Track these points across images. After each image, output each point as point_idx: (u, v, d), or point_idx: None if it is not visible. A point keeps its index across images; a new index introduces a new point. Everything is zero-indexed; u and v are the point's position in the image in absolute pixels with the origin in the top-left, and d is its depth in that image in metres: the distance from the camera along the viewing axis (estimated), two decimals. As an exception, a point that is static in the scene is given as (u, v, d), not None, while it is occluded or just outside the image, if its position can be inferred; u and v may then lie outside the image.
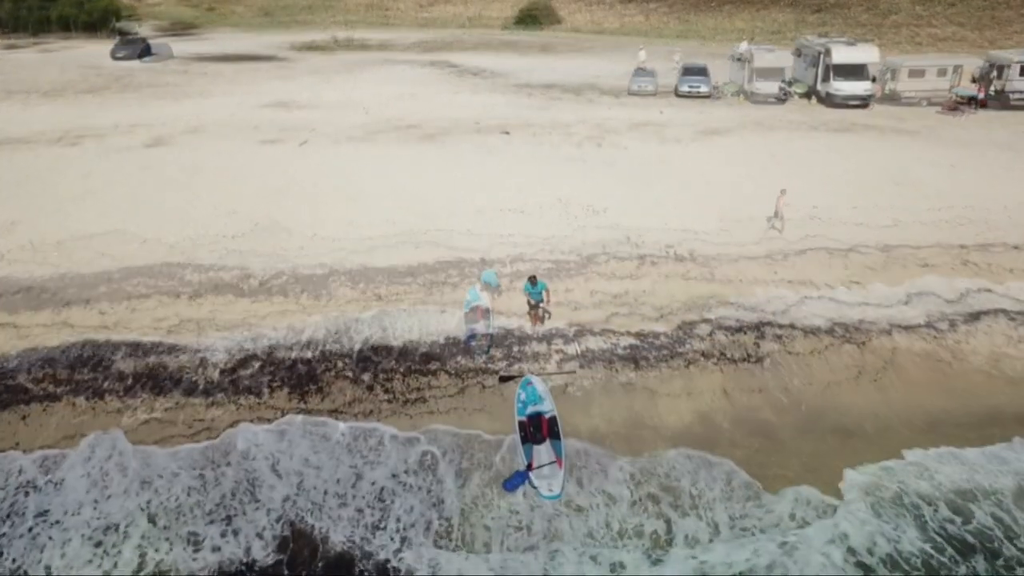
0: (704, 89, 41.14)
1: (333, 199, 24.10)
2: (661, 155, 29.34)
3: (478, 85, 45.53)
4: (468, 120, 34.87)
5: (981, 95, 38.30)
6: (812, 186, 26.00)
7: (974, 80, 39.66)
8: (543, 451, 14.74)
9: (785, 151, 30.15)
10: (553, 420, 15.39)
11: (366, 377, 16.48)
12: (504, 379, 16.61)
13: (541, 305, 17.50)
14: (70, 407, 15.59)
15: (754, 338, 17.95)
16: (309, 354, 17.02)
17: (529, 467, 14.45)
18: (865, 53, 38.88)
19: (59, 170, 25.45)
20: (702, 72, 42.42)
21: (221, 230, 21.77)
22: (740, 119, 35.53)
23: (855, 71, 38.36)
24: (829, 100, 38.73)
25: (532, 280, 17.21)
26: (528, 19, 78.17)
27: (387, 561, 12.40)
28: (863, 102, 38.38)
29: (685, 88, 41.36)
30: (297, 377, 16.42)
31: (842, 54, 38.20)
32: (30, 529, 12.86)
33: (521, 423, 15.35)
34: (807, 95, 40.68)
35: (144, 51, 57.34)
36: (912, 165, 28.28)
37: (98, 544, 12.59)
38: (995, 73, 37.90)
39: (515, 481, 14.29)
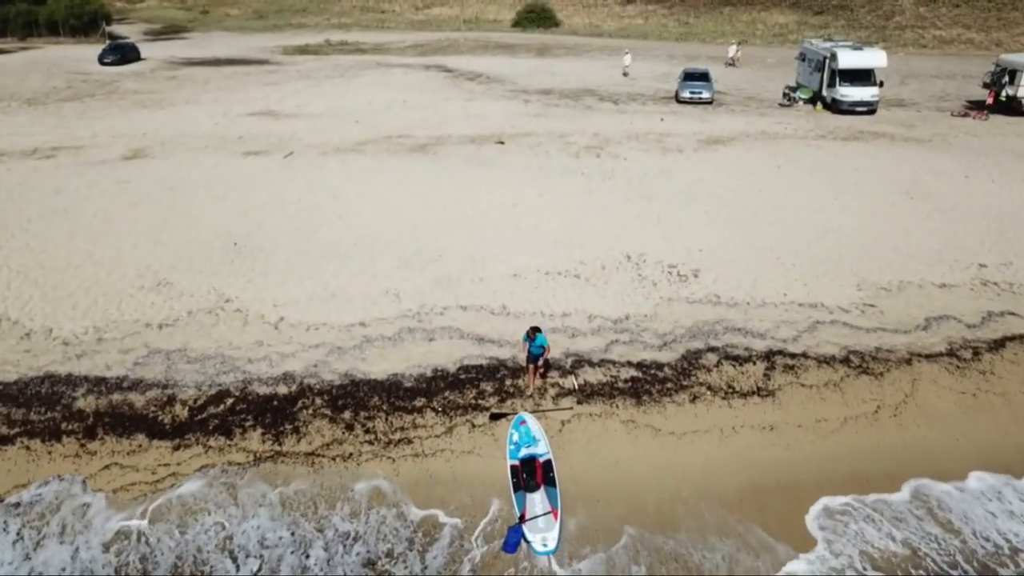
0: (706, 95, 39.98)
1: (317, 216, 22.87)
2: (663, 166, 28.15)
3: (473, 91, 44.34)
4: (462, 129, 33.69)
5: (990, 100, 37.17)
6: (821, 200, 24.85)
7: (985, 85, 38.53)
8: (537, 500, 13.54)
9: (791, 161, 28.99)
10: (548, 464, 14.18)
11: (346, 415, 15.24)
12: (495, 417, 15.39)
13: (539, 361, 15.93)
14: (24, 451, 14.35)
15: (764, 369, 16.75)
16: (285, 389, 15.78)
17: (522, 518, 13.24)
18: (872, 58, 37.70)
19: (30, 185, 24.21)
20: (704, 77, 41.26)
21: (196, 252, 20.51)
22: (744, 127, 34.35)
23: (862, 76, 37.19)
24: (836, 106, 37.57)
25: (533, 332, 15.48)
26: (526, 21, 77.07)
27: None
28: (870, 108, 37.21)
29: (687, 94, 40.19)
30: (272, 415, 15.19)
31: (849, 59, 37.03)
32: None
33: (513, 467, 14.14)
34: (812, 101, 39.51)
35: (134, 56, 56.20)
36: (924, 176, 27.12)
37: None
38: (1007, 78, 36.71)
39: (513, 539, 13.02)
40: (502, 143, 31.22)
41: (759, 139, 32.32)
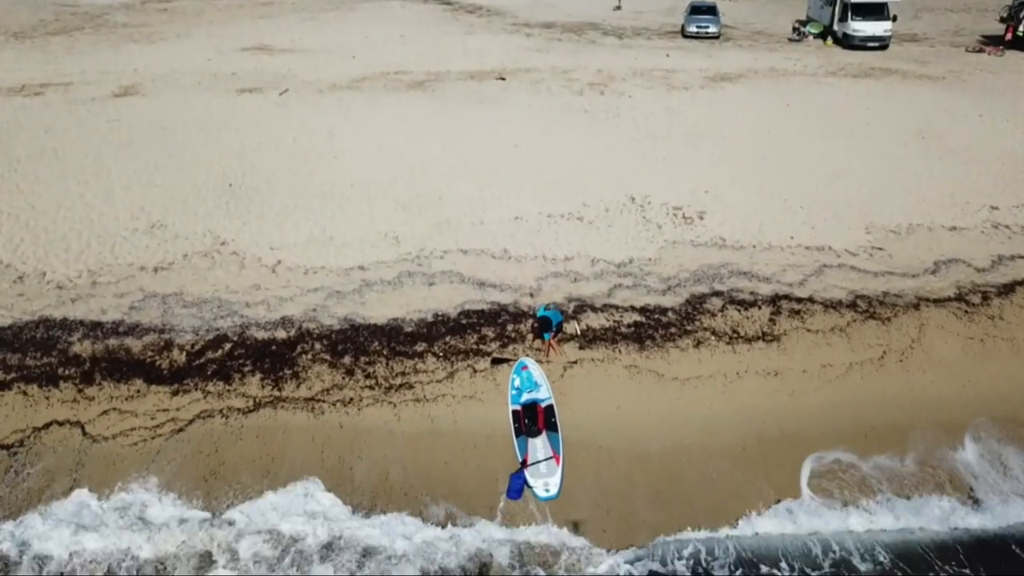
0: (713, 29, 38.81)
1: (313, 157, 22.29)
2: (668, 104, 27.38)
3: (473, 25, 43.03)
4: (461, 65, 32.72)
5: (1008, 36, 36.04)
6: (830, 140, 24.21)
7: (1002, 20, 37.31)
8: (539, 445, 13.50)
9: (801, 100, 28.20)
10: (550, 409, 14.09)
11: (346, 360, 15.05)
12: (497, 361, 15.21)
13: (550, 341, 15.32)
14: (21, 396, 14.22)
15: (769, 313, 16.49)
16: (284, 334, 15.55)
17: (523, 464, 13.20)
18: (886, -10, 36.41)
19: (18, 123, 23.52)
20: (711, 11, 39.98)
21: (190, 194, 20.01)
22: (752, 64, 33.35)
23: (875, 10, 35.96)
24: (847, 41, 36.43)
25: (539, 324, 15.11)
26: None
27: None
28: (882, 43, 36.09)
29: (693, 28, 39.01)
30: (271, 361, 14.99)
31: (862, -9, 35.74)
32: None
33: (515, 412, 14.05)
34: (823, 35, 38.34)
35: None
36: (937, 115, 26.39)
37: None
38: (1025, 12, 35.54)
39: (516, 485, 13.02)
40: (503, 79, 30.36)
41: (767, 76, 31.41)
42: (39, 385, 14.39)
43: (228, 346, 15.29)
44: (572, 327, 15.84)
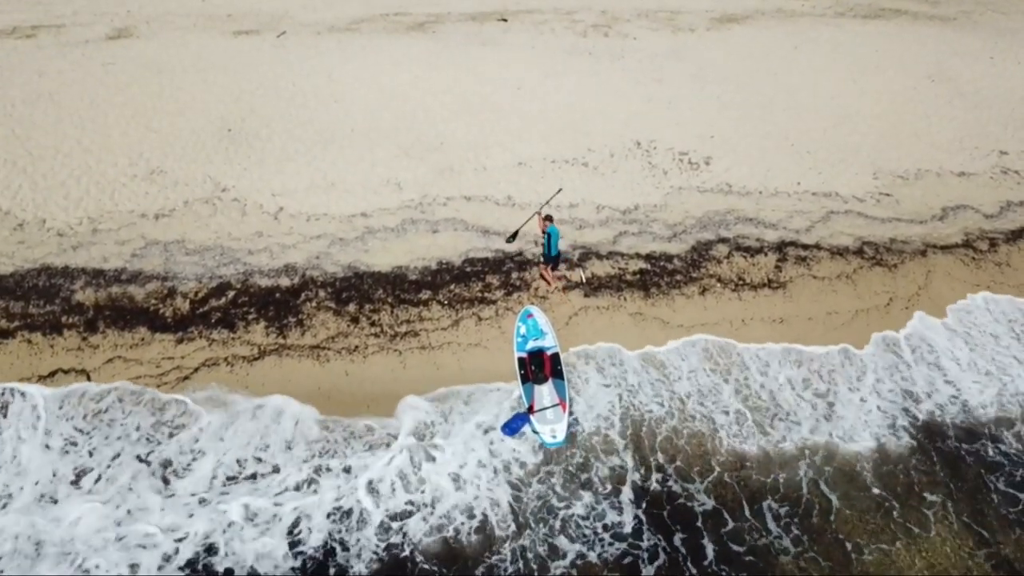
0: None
1: (313, 101, 21.85)
2: (674, 47, 26.77)
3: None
4: (462, 5, 31.87)
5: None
6: (839, 84, 23.75)
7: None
8: (545, 392, 13.55)
9: (809, 42, 27.57)
10: (556, 357, 14.11)
11: (351, 308, 15.01)
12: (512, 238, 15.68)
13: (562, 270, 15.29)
14: (26, 344, 14.19)
15: (775, 260, 16.43)
16: (288, 282, 15.47)
17: (530, 410, 13.28)
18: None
19: (10, 67, 22.95)
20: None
21: (188, 139, 19.66)
22: (759, 4, 32.51)
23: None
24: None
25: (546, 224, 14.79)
26: None
27: None
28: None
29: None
30: (275, 308, 14.94)
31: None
32: None
33: (521, 360, 14.07)
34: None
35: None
36: (948, 58, 25.85)
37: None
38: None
39: (515, 425, 13.15)
40: (504, 20, 29.63)
41: (775, 17, 30.66)
42: (43, 333, 14.34)
43: (232, 294, 15.21)
44: (577, 275, 15.76)
